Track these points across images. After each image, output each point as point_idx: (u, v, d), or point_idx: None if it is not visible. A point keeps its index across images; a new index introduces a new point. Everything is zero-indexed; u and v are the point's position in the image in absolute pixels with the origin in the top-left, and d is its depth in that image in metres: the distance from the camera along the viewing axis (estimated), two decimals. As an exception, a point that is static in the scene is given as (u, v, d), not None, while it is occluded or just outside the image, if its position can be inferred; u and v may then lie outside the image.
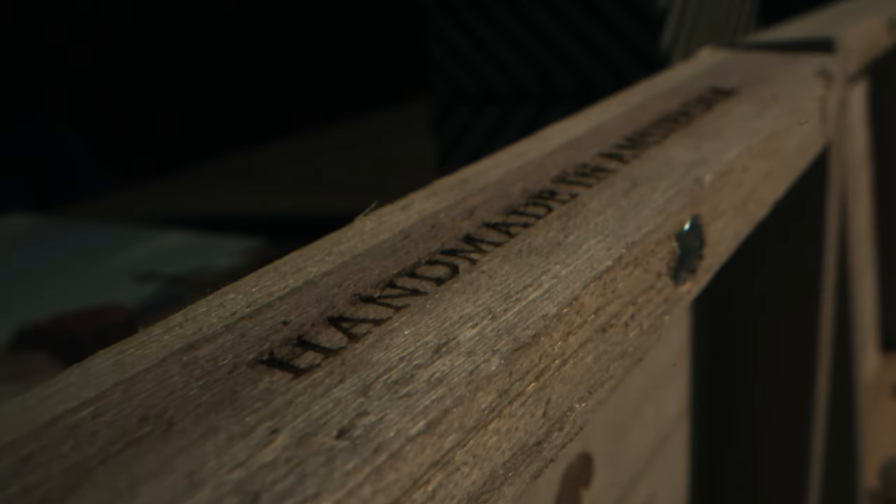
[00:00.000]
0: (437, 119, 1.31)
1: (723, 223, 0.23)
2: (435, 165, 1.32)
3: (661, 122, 0.27)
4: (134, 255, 1.11)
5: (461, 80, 1.27)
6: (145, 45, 2.28)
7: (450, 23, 1.24)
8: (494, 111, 1.26)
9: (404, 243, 0.18)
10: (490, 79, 1.24)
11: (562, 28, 1.16)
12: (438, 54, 1.27)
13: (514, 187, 0.21)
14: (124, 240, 1.18)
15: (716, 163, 0.23)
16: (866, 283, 0.78)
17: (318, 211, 1.59)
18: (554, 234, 0.18)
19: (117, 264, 1.08)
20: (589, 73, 1.16)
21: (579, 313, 0.16)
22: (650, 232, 0.18)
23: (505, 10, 1.20)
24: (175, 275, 1.02)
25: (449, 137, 1.30)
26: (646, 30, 1.10)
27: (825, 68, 0.34)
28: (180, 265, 1.05)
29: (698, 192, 0.21)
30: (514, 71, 1.22)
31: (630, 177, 0.22)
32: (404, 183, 0.26)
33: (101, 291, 1.00)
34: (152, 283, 1.00)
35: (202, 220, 1.54)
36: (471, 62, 1.25)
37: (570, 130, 0.26)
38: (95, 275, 1.06)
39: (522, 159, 0.23)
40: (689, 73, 0.34)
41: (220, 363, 0.14)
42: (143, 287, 0.99)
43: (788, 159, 0.29)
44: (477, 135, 1.28)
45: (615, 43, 1.13)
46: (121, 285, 1.01)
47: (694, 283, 0.21)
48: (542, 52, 1.19)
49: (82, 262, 1.10)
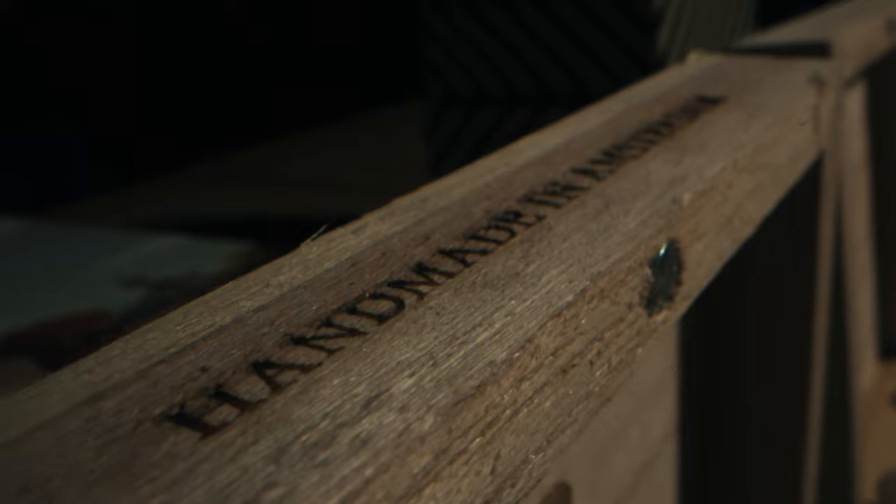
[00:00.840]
0: (431, 121, 1.29)
1: (704, 245, 0.21)
2: (428, 168, 1.30)
3: (642, 134, 0.25)
4: (122, 259, 1.09)
5: (455, 81, 1.25)
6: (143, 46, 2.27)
7: (444, 24, 1.23)
8: (489, 113, 1.24)
9: (350, 273, 0.17)
10: (484, 80, 1.23)
11: (556, 29, 1.15)
12: (432, 56, 1.25)
13: (476, 207, 0.20)
14: (113, 244, 1.16)
15: (697, 180, 0.21)
16: (864, 290, 0.77)
17: (313, 213, 1.58)
18: (513, 263, 0.16)
19: (105, 269, 1.06)
20: (583, 74, 1.14)
21: (534, 356, 0.14)
22: (619, 260, 0.17)
23: (499, 11, 1.18)
24: (163, 280, 1.00)
25: (443, 140, 1.29)
26: (641, 31, 1.08)
27: (818, 75, 0.33)
28: (169, 270, 1.04)
29: (676, 213, 0.19)
30: (509, 73, 1.20)
31: (603, 196, 0.20)
32: (400, 185, 0.25)
33: (87, 297, 0.98)
34: (139, 289, 0.98)
35: (196, 223, 1.52)
36: (465, 64, 1.23)
37: (543, 143, 0.24)
38: (82, 280, 1.04)
39: (490, 175, 0.22)
40: (675, 79, 0.32)
41: (125, 418, 0.12)
42: (130, 293, 0.98)
43: (778, 172, 0.27)
44: (471, 137, 1.26)
45: (610, 44, 1.11)
46: (107, 291, 0.99)
47: (671, 312, 0.19)
48: (537, 53, 1.17)
49: (70, 266, 1.09)
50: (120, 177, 1.90)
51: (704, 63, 0.36)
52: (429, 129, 1.29)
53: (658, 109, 0.28)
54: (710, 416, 0.40)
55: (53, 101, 2.05)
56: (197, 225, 1.50)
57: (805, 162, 0.31)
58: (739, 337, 0.39)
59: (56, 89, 2.07)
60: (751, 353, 0.39)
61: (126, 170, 1.98)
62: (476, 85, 1.23)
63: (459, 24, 1.22)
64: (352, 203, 0.36)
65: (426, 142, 1.30)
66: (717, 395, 0.40)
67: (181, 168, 1.97)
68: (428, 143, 1.30)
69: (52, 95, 2.06)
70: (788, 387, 0.40)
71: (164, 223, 1.49)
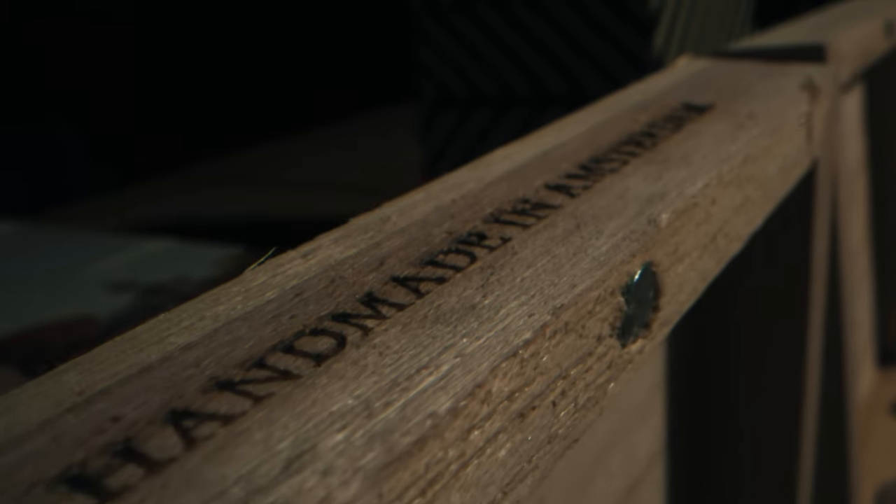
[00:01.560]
0: (425, 123, 1.28)
1: (685, 266, 0.20)
2: (422, 171, 1.29)
3: (622, 146, 0.24)
4: (112, 263, 1.08)
5: (449, 83, 1.24)
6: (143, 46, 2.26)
7: (437, 25, 1.21)
8: (483, 115, 1.23)
9: (293, 304, 0.15)
10: (479, 82, 1.21)
11: (551, 30, 1.13)
12: (425, 57, 1.24)
13: (438, 228, 0.18)
14: (104, 247, 1.15)
15: (677, 197, 0.20)
16: (862, 296, 0.76)
17: (309, 215, 1.57)
18: (470, 294, 0.15)
19: (94, 273, 1.05)
20: (579, 75, 1.13)
21: (485, 402, 0.13)
22: (587, 290, 0.15)
23: (493, 12, 1.17)
24: (152, 285, 0.99)
25: (437, 142, 1.27)
26: (637, 32, 1.07)
27: (811, 81, 0.31)
28: (158, 274, 1.02)
29: (653, 234, 0.18)
30: (503, 74, 1.19)
31: (575, 215, 0.19)
32: (397, 187, 0.24)
33: (76, 301, 0.97)
34: (128, 294, 0.97)
35: (191, 225, 1.51)
36: (459, 65, 1.22)
37: (518, 155, 0.23)
38: (71, 284, 1.03)
39: (457, 192, 0.20)
40: (661, 86, 0.31)
41: (16, 480, 0.11)
42: (118, 297, 0.96)
43: (767, 185, 0.26)
44: (466, 139, 1.25)
45: (606, 45, 1.10)
46: (95, 295, 0.98)
47: (648, 340, 0.18)
48: (532, 54, 1.16)
49: (59, 270, 1.07)
50: (119, 177, 1.90)
51: (693, 67, 0.35)
52: (423, 131, 1.28)
53: (642, 118, 0.27)
54: (699, 434, 0.38)
55: (53, 101, 2.04)
56: (191, 227, 1.49)
57: (797, 172, 0.30)
58: (730, 351, 0.37)
59: (55, 89, 2.06)
60: (742, 368, 0.37)
61: (125, 170, 1.97)
62: (470, 86, 1.22)
63: (453, 24, 1.20)
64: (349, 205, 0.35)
65: (420, 144, 1.29)
66: (706, 412, 0.38)
67: (180, 169, 1.96)
68: (422, 146, 1.28)
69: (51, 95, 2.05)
70: (782, 402, 0.39)
71: (158, 225, 1.48)
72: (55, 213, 1.65)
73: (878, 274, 0.80)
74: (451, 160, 1.26)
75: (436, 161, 1.27)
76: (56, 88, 2.07)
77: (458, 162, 0.23)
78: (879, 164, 0.79)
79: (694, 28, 1.15)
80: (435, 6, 1.20)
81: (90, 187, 1.82)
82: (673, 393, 0.36)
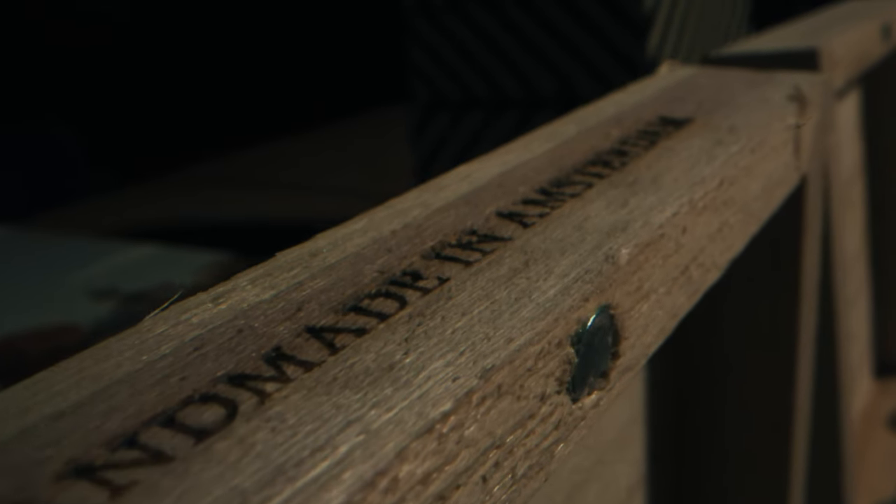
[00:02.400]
0: (418, 126, 1.26)
1: (650, 305, 0.18)
2: (414, 174, 1.27)
3: (589, 166, 0.22)
4: (96, 269, 1.06)
5: (441, 85, 1.22)
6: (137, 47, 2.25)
7: (429, 26, 1.19)
8: (476, 117, 1.21)
9: (189, 361, 0.13)
10: (471, 84, 1.19)
11: (544, 32, 1.11)
12: (418, 58, 1.22)
13: (371, 266, 0.16)
14: (89, 253, 1.13)
15: (642, 227, 0.18)
16: (860, 306, 0.74)
17: (302, 218, 1.55)
18: (391, 350, 0.13)
19: (78, 280, 1.03)
20: (572, 78, 1.11)
21: (390, 491, 0.11)
22: (526, 344, 0.13)
23: (486, 13, 1.15)
24: (135, 292, 0.97)
25: (429, 145, 1.25)
26: (631, 34, 1.05)
27: (799, 91, 0.29)
28: (143, 281, 1.00)
29: (610, 273, 0.16)
30: (496, 76, 1.17)
31: (525, 250, 0.17)
32: (393, 189, 0.22)
33: (58, 309, 0.95)
34: (110, 301, 0.95)
35: (186, 228, 1.50)
36: (451, 67, 1.20)
37: (474, 176, 0.21)
38: (56, 291, 1.01)
39: (400, 220, 0.18)
40: (639, 96, 0.29)
41: None
42: (101, 305, 0.94)
43: (749, 207, 0.24)
44: (457, 142, 1.23)
45: (599, 47, 1.08)
46: (78, 303, 0.96)
47: (606, 392, 0.16)
48: (524, 56, 1.14)
49: (42, 277, 1.05)
50: (117, 179, 1.89)
51: (676, 76, 0.33)
52: (415, 134, 1.26)
53: (614, 134, 0.25)
54: (682, 461, 0.36)
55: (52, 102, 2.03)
56: (186, 230, 1.47)
57: (784, 191, 0.28)
58: (715, 375, 0.35)
59: (54, 90, 2.05)
60: (729, 393, 0.35)
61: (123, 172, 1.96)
62: (462, 88, 1.20)
63: (445, 26, 1.18)
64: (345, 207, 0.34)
65: (412, 148, 1.27)
66: (690, 437, 0.36)
67: (176, 171, 1.95)
68: (413, 149, 1.26)
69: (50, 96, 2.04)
70: (770, 425, 0.37)
71: (152, 228, 1.46)
72: (50, 215, 1.64)
73: (876, 281, 0.78)
74: (444, 163, 1.24)
75: (428, 164, 1.25)
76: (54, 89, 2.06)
77: (450, 165, 0.22)
78: (877, 169, 0.77)
79: (689, 30, 1.13)
80: (427, 7, 1.18)
81: (88, 189, 1.81)
82: (654, 420, 0.34)
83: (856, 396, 0.72)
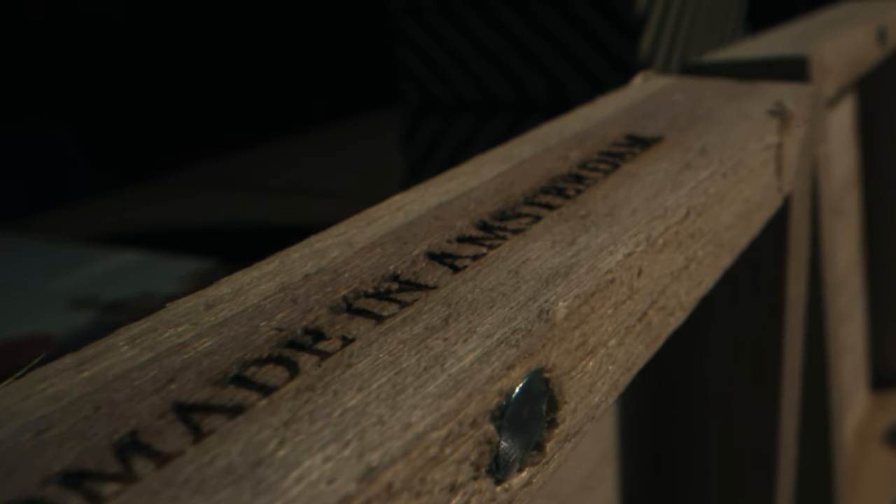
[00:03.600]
0: (408, 129, 1.24)
1: (598, 361, 0.16)
2: (404, 179, 1.24)
3: (540, 195, 0.20)
4: (77, 277, 1.04)
5: (431, 88, 1.19)
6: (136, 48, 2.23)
7: (418, 28, 1.17)
8: (466, 121, 1.18)
9: (24, 451, 0.11)
10: (461, 87, 1.17)
11: (535, 34, 1.09)
12: (407, 61, 1.20)
13: (268, 322, 0.14)
14: (71, 259, 1.11)
15: (588, 273, 0.15)
16: (855, 318, 0.71)
17: (292, 221, 1.53)
18: (265, 438, 0.11)
19: (58, 288, 1.01)
20: (564, 81, 1.09)
21: None
22: (429, 430, 0.11)
23: (476, 14, 1.13)
24: (115, 301, 0.95)
25: (419, 149, 1.23)
26: (623, 36, 1.03)
27: (782, 105, 0.27)
28: (123, 290, 0.98)
29: (543, 332, 0.14)
30: (487, 79, 1.15)
31: (449, 302, 0.14)
32: (384, 193, 0.20)
33: (34, 319, 0.93)
34: (89, 311, 0.93)
35: (168, 232, 1.48)
36: (441, 69, 1.18)
37: (410, 207, 0.19)
38: (33, 299, 0.99)
39: (316, 262, 0.16)
40: (608, 110, 0.27)
41: None
42: (78, 315, 0.92)
43: (721, 238, 0.21)
44: (448, 146, 1.20)
45: (591, 50, 1.06)
46: (55, 312, 0.94)
47: (542, 467, 0.14)
48: (515, 59, 1.12)
49: (20, 285, 1.03)
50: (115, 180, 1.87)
51: (650, 87, 0.30)
52: (405, 137, 1.23)
53: (574, 156, 0.22)
54: (661, 498, 0.34)
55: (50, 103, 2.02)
56: (170, 234, 1.45)
57: (764, 215, 0.25)
58: (696, 403, 0.33)
59: (52, 91, 2.03)
60: (710, 422, 0.33)
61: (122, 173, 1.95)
62: (453, 91, 1.18)
63: (434, 27, 1.16)
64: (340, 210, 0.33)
65: (402, 152, 1.24)
66: (669, 472, 0.34)
67: (174, 172, 1.94)
68: (404, 153, 1.24)
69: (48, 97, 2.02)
70: (754, 458, 0.34)
71: (137, 232, 1.44)
72: (49, 216, 1.63)
73: (872, 291, 0.75)
74: (435, 167, 1.21)
75: (419, 168, 1.22)
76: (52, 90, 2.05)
77: (440, 169, 0.20)
78: (873, 176, 0.75)
79: (683, 32, 1.11)
80: (416, 7, 1.16)
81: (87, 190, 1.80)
82: (628, 454, 0.32)
83: (851, 412, 0.70)
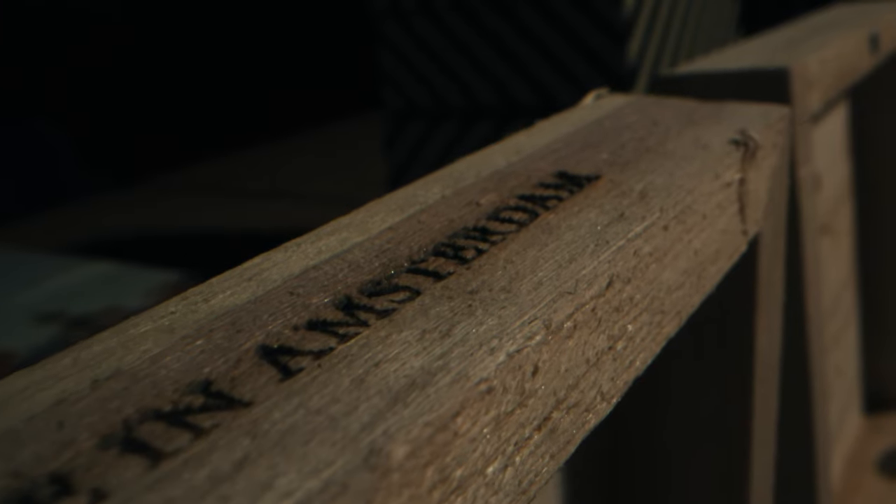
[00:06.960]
0: (390, 134, 1.20)
1: (470, 497, 0.12)
2: (387, 187, 1.21)
3: (432, 257, 0.16)
4: (45, 289, 1.00)
5: (414, 93, 1.15)
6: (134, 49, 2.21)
7: (400, 31, 1.13)
8: (450, 126, 1.15)
9: None
10: (445, 92, 1.13)
11: (520, 37, 1.05)
12: (389, 65, 1.16)
13: (5, 466, 0.10)
14: (40, 271, 1.07)
15: (453, 384, 0.12)
16: (847, 337, 0.68)
17: (269, 227, 1.50)
18: None
19: (24, 301, 0.97)
20: (549, 86, 1.05)
21: None
22: None
23: (459, 17, 1.09)
24: (80, 316, 0.91)
25: (402, 155, 1.19)
26: (610, 40, 0.99)
27: (746, 134, 0.23)
28: (89, 304, 0.94)
29: (370, 484, 0.10)
30: (470, 83, 1.11)
31: (255, 432, 0.11)
32: (372, 196, 0.19)
33: (-2, 333, 0.89)
34: (53, 326, 0.89)
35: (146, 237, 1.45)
36: (424, 74, 1.14)
37: (266, 275, 0.15)
38: None
39: (116, 361, 0.12)
40: (545, 139, 0.23)
41: None
42: (42, 330, 0.88)
43: (661, 304, 0.18)
44: (431, 152, 1.17)
45: (577, 54, 1.02)
46: (19, 327, 0.90)
47: None
48: (500, 63, 1.08)
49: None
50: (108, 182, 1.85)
51: (602, 108, 0.27)
52: (387, 143, 1.20)
53: (488, 200, 0.19)
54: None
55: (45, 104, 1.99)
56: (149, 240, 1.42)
57: (722, 266, 0.21)
58: (658, 477, 0.29)
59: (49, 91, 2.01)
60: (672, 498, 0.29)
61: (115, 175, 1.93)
62: (435, 96, 1.14)
63: (417, 30, 1.12)
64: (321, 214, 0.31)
65: (385, 158, 1.21)
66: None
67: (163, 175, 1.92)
68: (387, 159, 1.20)
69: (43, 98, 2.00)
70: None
71: (111, 240, 1.41)
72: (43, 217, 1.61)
73: (865, 309, 0.71)
74: (418, 174, 1.18)
75: (401, 175, 1.19)
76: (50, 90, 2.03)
77: (424, 174, 0.17)
78: (868, 187, 0.71)
79: (672, 36, 1.07)
80: (397, 10, 1.12)
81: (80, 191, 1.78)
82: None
83: (842, 437, 0.66)
